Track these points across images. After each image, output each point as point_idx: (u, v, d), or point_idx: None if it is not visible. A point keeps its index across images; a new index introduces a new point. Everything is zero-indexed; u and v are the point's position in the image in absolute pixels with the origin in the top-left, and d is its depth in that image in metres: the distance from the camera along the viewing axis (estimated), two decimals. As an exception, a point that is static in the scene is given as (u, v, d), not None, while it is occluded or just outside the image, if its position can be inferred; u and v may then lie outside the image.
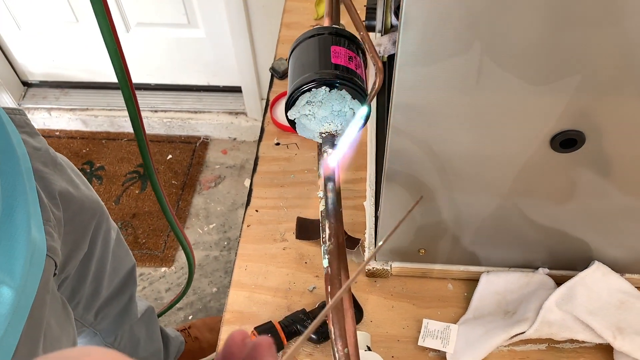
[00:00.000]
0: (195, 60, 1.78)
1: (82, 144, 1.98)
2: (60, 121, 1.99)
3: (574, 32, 0.40)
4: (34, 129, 0.70)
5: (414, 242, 0.68)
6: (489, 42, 0.41)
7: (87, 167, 1.91)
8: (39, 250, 0.57)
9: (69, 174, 0.73)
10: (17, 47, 1.85)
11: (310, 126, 0.47)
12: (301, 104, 0.47)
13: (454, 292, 0.73)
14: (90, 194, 0.78)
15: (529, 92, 0.45)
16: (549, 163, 0.53)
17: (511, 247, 0.69)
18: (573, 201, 0.58)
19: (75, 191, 0.72)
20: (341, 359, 0.41)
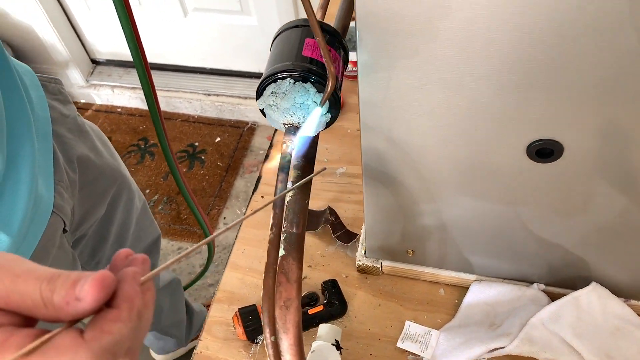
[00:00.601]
0: (247, 47, 1.82)
1: (140, 121, 2.09)
2: (122, 98, 2.10)
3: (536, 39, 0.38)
4: (67, 97, 0.74)
5: (401, 243, 0.67)
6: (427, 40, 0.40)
7: (142, 143, 2.01)
8: (45, 206, 0.62)
9: (94, 142, 0.78)
10: (87, 26, 1.98)
11: (274, 117, 0.48)
12: (267, 94, 0.47)
13: (445, 298, 0.71)
14: (112, 163, 0.82)
15: (493, 92, 0.43)
16: (530, 172, 0.50)
17: (506, 257, 0.66)
18: (568, 214, 0.55)
19: (96, 158, 0.77)
20: (268, 347, 0.41)
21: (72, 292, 0.26)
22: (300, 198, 0.51)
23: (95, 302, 0.27)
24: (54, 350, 0.26)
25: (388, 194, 0.59)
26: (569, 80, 0.40)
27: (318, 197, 0.84)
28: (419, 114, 0.47)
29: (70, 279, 0.27)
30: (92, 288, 0.26)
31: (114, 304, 0.27)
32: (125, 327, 0.27)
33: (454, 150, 0.50)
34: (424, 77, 0.43)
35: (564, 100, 0.42)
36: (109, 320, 0.27)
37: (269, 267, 0.42)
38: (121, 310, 0.27)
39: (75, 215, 0.73)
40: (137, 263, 0.30)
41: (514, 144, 0.48)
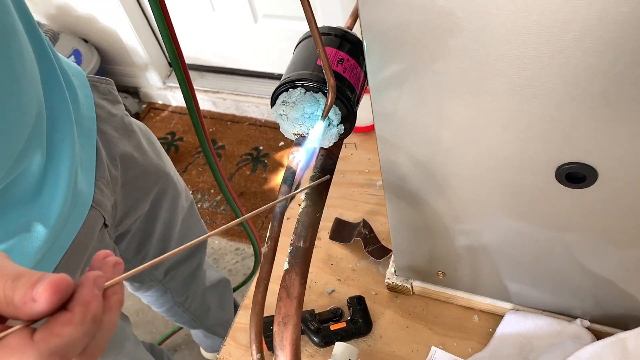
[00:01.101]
0: (314, 53, 1.83)
1: (210, 124, 2.16)
2: (195, 100, 2.18)
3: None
4: (116, 97, 0.78)
5: (430, 263, 0.63)
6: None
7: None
8: (84, 201, 0.65)
9: (139, 141, 0.80)
10: (166, 31, 2.07)
11: (285, 126, 0.47)
12: (278, 103, 0.46)
13: (479, 326, 0.67)
14: (156, 162, 0.84)
15: (516, 106, 0.39)
16: (562, 197, 0.45)
17: (546, 287, 0.60)
18: (618, 243, 0.49)
19: (140, 157, 0.79)
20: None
21: (30, 292, 0.27)
22: (312, 211, 0.49)
23: (48, 304, 0.27)
24: (4, 348, 0.27)
25: (411, 210, 0.56)
26: (609, 95, 0.36)
27: (355, 209, 0.81)
28: (434, 128, 0.44)
29: (32, 280, 0.28)
30: (46, 290, 0.27)
31: (69, 307, 0.28)
32: (76, 331, 0.27)
33: (475, 168, 0.46)
34: (437, 90, 0.40)
35: (598, 120, 0.38)
36: (60, 323, 0.27)
37: (260, 281, 0.40)
38: (74, 313, 0.27)
39: (117, 211, 0.76)
40: (108, 267, 0.31)
41: (541, 165, 0.43)
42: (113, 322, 0.30)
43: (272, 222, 0.43)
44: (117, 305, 0.30)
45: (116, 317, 0.30)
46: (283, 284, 0.46)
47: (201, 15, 1.91)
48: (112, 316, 0.29)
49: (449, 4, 0.35)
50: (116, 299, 0.30)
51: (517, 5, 0.33)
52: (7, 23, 0.49)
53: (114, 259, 0.31)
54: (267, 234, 0.43)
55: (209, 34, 1.98)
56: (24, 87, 0.52)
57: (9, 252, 0.54)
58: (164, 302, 1.11)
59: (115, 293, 0.30)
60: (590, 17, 0.32)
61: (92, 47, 2.09)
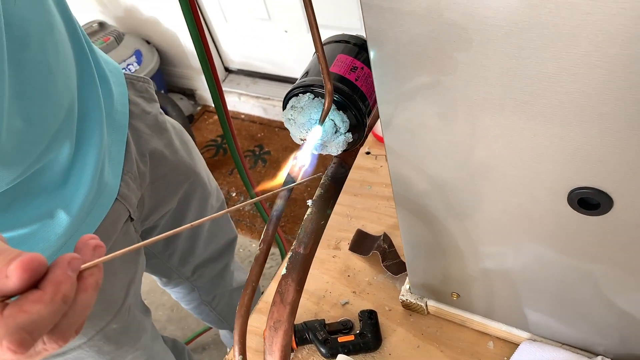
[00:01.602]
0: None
1: (259, 129, 2.20)
2: (246, 106, 2.23)
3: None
4: (153, 96, 0.80)
5: (444, 284, 0.61)
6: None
7: (257, 149, 2.11)
8: (109, 193, 0.67)
9: (171, 139, 0.82)
10: (224, 37, 2.13)
11: (293, 131, 0.47)
12: (288, 108, 0.46)
13: (493, 353, 0.64)
14: (187, 160, 0.86)
15: (523, 123, 0.38)
16: (576, 224, 0.43)
17: (567, 319, 0.57)
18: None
19: (170, 154, 0.81)
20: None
21: (4, 269, 0.28)
22: (317, 218, 0.49)
23: (20, 282, 0.28)
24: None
25: (423, 227, 0.54)
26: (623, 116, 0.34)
27: (379, 222, 0.80)
28: (440, 144, 0.42)
29: (8, 258, 0.29)
30: (17, 268, 0.28)
31: (40, 286, 0.29)
32: (45, 309, 0.28)
33: (485, 188, 0.44)
34: (442, 104, 0.39)
35: (612, 143, 0.35)
36: (30, 301, 0.28)
37: (249, 284, 0.40)
38: (45, 292, 0.29)
39: (144, 206, 0.78)
40: (87, 249, 0.32)
41: (553, 188, 0.41)
42: (88, 303, 0.31)
43: (267, 226, 0.43)
44: (92, 287, 0.31)
45: (91, 298, 0.31)
46: (279, 288, 0.45)
47: (257, 24, 1.96)
48: (87, 297, 0.30)
49: (452, 16, 0.34)
50: (92, 280, 0.31)
51: (520, 17, 0.31)
52: (44, 19, 0.52)
53: (95, 242, 0.32)
54: (261, 237, 0.43)
55: (264, 42, 2.02)
56: (57, 81, 0.54)
57: (32, 236, 0.57)
58: (191, 299, 1.13)
59: (92, 275, 0.31)
60: (596, 32, 0.30)
61: (153, 48, 2.18)
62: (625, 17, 0.28)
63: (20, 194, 0.55)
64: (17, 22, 0.48)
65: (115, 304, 0.75)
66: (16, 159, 0.51)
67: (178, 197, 0.86)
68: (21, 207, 0.55)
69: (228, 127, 0.81)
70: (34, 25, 0.51)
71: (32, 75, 0.50)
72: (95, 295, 0.31)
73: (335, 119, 0.44)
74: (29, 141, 0.52)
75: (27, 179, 0.55)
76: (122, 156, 0.70)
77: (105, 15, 2.22)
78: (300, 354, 0.68)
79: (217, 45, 2.19)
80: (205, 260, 1.04)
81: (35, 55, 0.51)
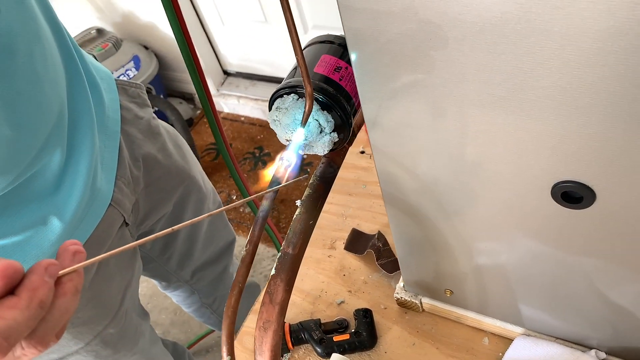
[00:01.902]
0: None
1: (259, 131, 2.20)
2: (246, 108, 2.24)
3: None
4: (145, 101, 0.81)
5: (437, 280, 0.61)
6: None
7: (257, 151, 2.12)
8: (102, 199, 0.67)
9: (164, 143, 0.83)
10: (221, 40, 2.14)
11: (278, 132, 0.47)
12: (273, 109, 0.46)
13: (488, 349, 0.64)
14: (181, 164, 0.86)
15: (502, 118, 0.38)
16: (561, 217, 0.43)
17: (560, 313, 0.57)
18: (633, 273, 0.46)
19: (164, 159, 0.82)
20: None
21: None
22: (306, 218, 0.49)
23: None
24: None
25: (413, 225, 0.54)
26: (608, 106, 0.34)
27: (374, 221, 0.80)
28: (423, 141, 0.43)
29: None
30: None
31: (17, 291, 0.29)
32: (21, 315, 0.29)
33: (471, 185, 0.45)
34: (421, 101, 0.39)
35: (590, 137, 0.35)
36: (5, 307, 0.29)
37: (235, 285, 0.41)
38: (20, 298, 0.29)
39: (139, 211, 0.79)
40: (67, 254, 0.32)
41: (536, 182, 0.41)
42: (67, 308, 0.31)
43: (253, 227, 0.43)
44: (71, 292, 0.31)
45: (70, 303, 0.31)
46: (268, 289, 0.46)
47: (254, 26, 1.96)
48: (66, 302, 0.31)
49: (427, 14, 0.34)
50: (71, 285, 0.31)
51: (492, 14, 0.32)
52: (32, 29, 0.53)
53: (75, 247, 0.32)
54: (248, 237, 0.43)
55: (261, 44, 2.02)
56: (46, 89, 0.55)
57: (25, 243, 0.57)
58: (191, 302, 1.13)
59: (71, 280, 0.31)
60: (567, 27, 0.30)
61: (152, 54, 2.19)
62: (594, 11, 0.28)
63: (13, 201, 0.56)
64: (3, 32, 0.49)
65: (111, 308, 0.75)
66: (7, 167, 0.52)
67: (173, 201, 0.87)
68: (14, 214, 0.56)
69: (219, 131, 0.82)
70: (21, 35, 0.51)
71: (20, 84, 0.51)
72: (75, 300, 0.31)
73: (320, 119, 0.45)
74: (18, 149, 0.53)
75: (18, 186, 0.55)
76: (114, 162, 0.70)
77: (103, 21, 2.23)
78: (296, 354, 0.68)
79: (215, 48, 2.19)
80: (203, 263, 1.05)
81: (22, 63, 0.51)
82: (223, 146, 0.81)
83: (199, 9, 2.04)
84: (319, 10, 1.75)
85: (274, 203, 1.84)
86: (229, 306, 0.40)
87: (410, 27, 0.35)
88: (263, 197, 0.44)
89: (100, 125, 0.67)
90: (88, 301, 0.71)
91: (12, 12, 0.51)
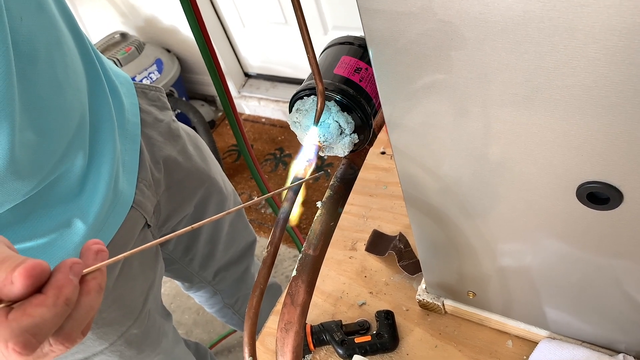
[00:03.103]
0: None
1: (280, 132, 2.21)
2: (267, 110, 2.25)
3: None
4: (165, 104, 0.82)
5: (460, 282, 0.61)
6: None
7: (278, 152, 2.13)
8: (125, 201, 0.68)
9: (185, 145, 0.84)
10: (242, 42, 2.16)
11: (298, 134, 0.47)
12: (293, 111, 0.47)
13: (512, 352, 0.63)
14: (201, 166, 0.87)
15: (525, 119, 0.37)
16: (586, 219, 0.42)
17: (587, 316, 0.56)
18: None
19: (184, 161, 0.83)
20: (246, 366, 0.40)
21: (10, 275, 0.30)
22: (326, 220, 0.49)
23: (23, 287, 0.30)
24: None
25: (434, 226, 0.54)
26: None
27: (395, 222, 0.80)
28: (444, 142, 0.42)
29: (14, 264, 0.30)
30: (21, 274, 0.30)
31: (44, 290, 0.30)
32: (48, 312, 0.30)
33: (494, 186, 0.44)
34: (442, 102, 0.39)
35: (617, 136, 0.35)
36: (33, 305, 0.30)
37: (256, 286, 0.41)
38: (47, 296, 0.30)
39: (161, 213, 0.80)
40: (89, 254, 0.33)
41: (561, 183, 0.40)
42: (92, 305, 0.32)
43: (273, 229, 0.43)
44: (95, 290, 0.32)
45: (94, 301, 0.32)
46: (289, 290, 0.46)
47: (274, 28, 1.97)
48: (91, 299, 0.32)
49: (447, 14, 0.34)
50: (95, 283, 0.32)
51: (514, 12, 0.31)
52: (52, 35, 0.54)
53: (97, 247, 0.33)
54: (269, 239, 0.44)
55: (282, 46, 2.03)
56: (67, 94, 0.56)
57: (50, 246, 0.59)
58: (214, 303, 1.14)
59: (95, 278, 0.32)
60: (592, 24, 0.29)
61: (174, 57, 2.22)
62: (620, 7, 0.28)
63: (37, 205, 0.57)
64: (25, 39, 0.50)
65: (135, 309, 0.76)
66: (31, 171, 0.53)
67: (194, 202, 0.87)
68: (39, 217, 0.57)
69: (240, 133, 0.82)
70: (42, 41, 0.52)
71: (42, 90, 0.52)
72: (99, 298, 0.32)
73: (340, 121, 0.45)
74: (42, 153, 0.54)
75: (43, 190, 0.56)
76: (136, 165, 0.71)
77: (127, 25, 2.26)
78: (317, 355, 0.68)
79: (236, 50, 2.21)
80: (225, 264, 1.06)
81: (44, 69, 0.52)
82: (244, 147, 0.81)
83: (219, 11, 2.06)
84: (339, 12, 1.75)
85: (295, 204, 1.85)
86: (251, 307, 0.40)
87: (430, 27, 0.35)
88: (284, 199, 0.44)
89: (121, 129, 0.68)
90: (112, 302, 0.72)
91: (33, 19, 0.52)
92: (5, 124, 0.48)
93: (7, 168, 0.50)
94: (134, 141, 0.72)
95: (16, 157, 0.50)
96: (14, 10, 0.50)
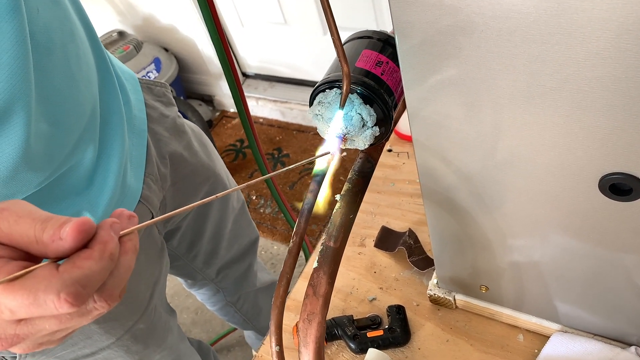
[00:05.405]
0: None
1: (277, 132, 2.21)
2: (264, 110, 2.25)
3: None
4: (170, 100, 0.82)
5: (473, 277, 0.61)
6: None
7: (276, 152, 2.13)
8: (132, 195, 0.69)
9: (190, 141, 0.84)
10: (240, 41, 2.16)
11: (320, 127, 0.47)
12: (315, 103, 0.47)
13: (523, 345, 0.63)
14: (206, 162, 0.87)
15: (551, 111, 0.38)
16: (607, 210, 0.43)
17: (599, 310, 0.57)
18: None
19: (190, 157, 0.83)
20: (273, 356, 0.40)
21: (58, 232, 0.31)
22: (346, 212, 0.50)
23: (73, 242, 0.31)
24: (33, 278, 0.30)
25: (451, 220, 0.54)
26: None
27: (403, 218, 0.80)
28: (468, 134, 0.43)
29: (60, 222, 0.31)
30: (72, 230, 0.31)
31: (90, 245, 0.32)
32: (95, 265, 0.31)
33: (514, 179, 0.45)
34: (469, 94, 0.40)
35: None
36: (82, 258, 0.31)
37: (283, 276, 0.41)
38: (94, 250, 0.31)
39: (167, 207, 0.80)
40: (123, 217, 0.35)
41: (583, 174, 0.41)
42: (129, 265, 0.33)
43: (298, 219, 0.44)
44: (131, 250, 0.33)
45: (131, 261, 0.34)
46: (311, 281, 0.46)
47: (273, 28, 1.98)
48: (128, 259, 0.33)
49: (479, 4, 0.34)
50: (131, 244, 0.33)
51: (548, 4, 0.32)
52: (66, 28, 0.54)
53: (129, 212, 0.34)
54: (294, 229, 0.44)
55: (280, 46, 2.04)
56: (80, 86, 0.56)
57: None
58: (216, 300, 1.14)
59: (130, 239, 0.33)
60: (626, 15, 0.30)
61: (172, 56, 2.21)
62: (655, -2, 0.28)
63: (48, 197, 0.57)
64: (41, 30, 0.50)
65: (141, 304, 0.76)
66: (44, 163, 0.53)
67: (199, 198, 0.88)
68: (49, 209, 0.57)
69: (250, 129, 0.82)
70: (57, 33, 0.52)
71: (56, 81, 0.52)
72: (134, 258, 0.34)
73: (363, 113, 0.45)
74: (55, 145, 0.54)
75: (54, 181, 0.56)
76: (143, 159, 0.71)
77: (124, 24, 2.25)
78: (329, 349, 0.69)
79: (234, 50, 2.21)
80: (229, 262, 1.06)
81: (58, 61, 0.53)
82: (254, 144, 0.82)
83: (218, 11, 2.05)
84: (339, 12, 1.76)
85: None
86: (277, 297, 0.40)
87: (460, 19, 0.35)
88: (307, 191, 0.45)
89: (128, 124, 0.68)
90: (118, 296, 0.72)
91: (49, 11, 0.52)
92: (22, 114, 0.48)
93: (22, 158, 0.50)
94: (141, 136, 0.72)
95: (31, 147, 0.50)
96: (31, 2, 0.50)
